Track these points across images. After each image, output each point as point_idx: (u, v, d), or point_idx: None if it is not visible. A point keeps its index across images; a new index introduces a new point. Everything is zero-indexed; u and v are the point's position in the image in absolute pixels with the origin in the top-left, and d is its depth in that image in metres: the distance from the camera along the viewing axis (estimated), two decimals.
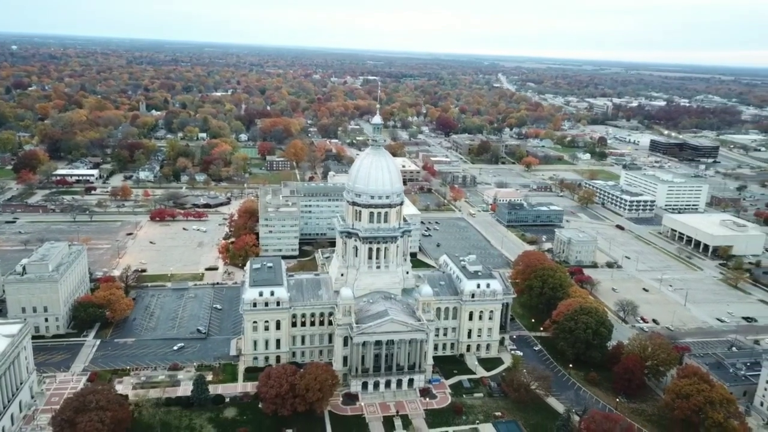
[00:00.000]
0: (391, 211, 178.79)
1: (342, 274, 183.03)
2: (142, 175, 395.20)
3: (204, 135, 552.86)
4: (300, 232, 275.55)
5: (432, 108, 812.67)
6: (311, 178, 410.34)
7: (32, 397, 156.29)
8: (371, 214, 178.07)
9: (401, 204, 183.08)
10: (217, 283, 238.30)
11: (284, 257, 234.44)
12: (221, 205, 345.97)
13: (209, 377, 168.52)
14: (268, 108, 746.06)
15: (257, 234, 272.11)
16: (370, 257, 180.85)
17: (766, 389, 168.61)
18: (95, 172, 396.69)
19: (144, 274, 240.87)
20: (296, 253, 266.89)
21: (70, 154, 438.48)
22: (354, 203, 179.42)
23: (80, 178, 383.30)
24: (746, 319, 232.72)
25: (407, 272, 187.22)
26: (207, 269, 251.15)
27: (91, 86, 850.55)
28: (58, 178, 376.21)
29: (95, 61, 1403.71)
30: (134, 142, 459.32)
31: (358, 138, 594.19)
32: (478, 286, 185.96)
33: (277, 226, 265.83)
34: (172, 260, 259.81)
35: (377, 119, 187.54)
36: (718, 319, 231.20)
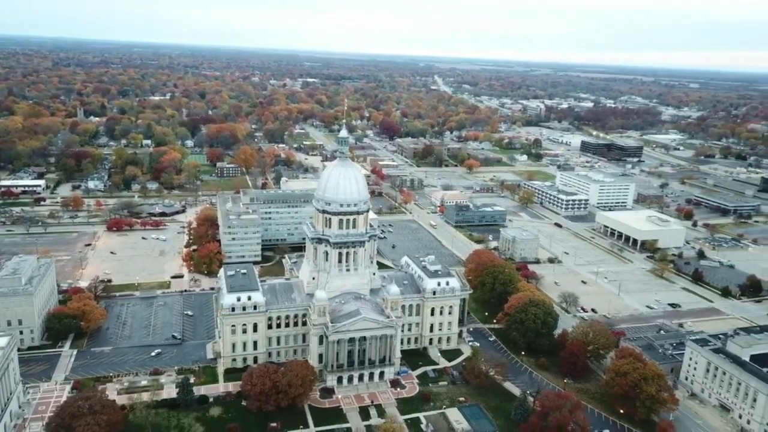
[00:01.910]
0: (359, 218, 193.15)
1: (313, 278, 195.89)
2: (91, 184, 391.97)
3: (149, 142, 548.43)
4: (261, 239, 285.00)
5: (374, 111, 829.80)
6: (264, 185, 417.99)
7: (20, 407, 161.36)
8: (341, 221, 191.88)
9: (368, 211, 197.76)
10: (185, 291, 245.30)
11: (246, 263, 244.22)
12: (177, 213, 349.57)
13: (191, 380, 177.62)
14: (210, 113, 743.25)
15: (218, 241, 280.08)
16: (340, 261, 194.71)
17: (689, 366, 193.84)
18: (41, 182, 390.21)
19: (110, 284, 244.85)
20: (259, 258, 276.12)
21: (11, 164, 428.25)
22: (324, 211, 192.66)
23: (26, 188, 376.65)
24: (671, 305, 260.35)
25: (374, 274, 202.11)
26: (173, 277, 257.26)
27: (20, 91, 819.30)
28: (3, 189, 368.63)
29: (18, 62, 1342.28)
30: (80, 151, 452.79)
31: (305, 142, 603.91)
32: (439, 284, 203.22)
33: (240, 233, 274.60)
34: (136, 269, 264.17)
35: (344, 133, 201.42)
36: (648, 306, 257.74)
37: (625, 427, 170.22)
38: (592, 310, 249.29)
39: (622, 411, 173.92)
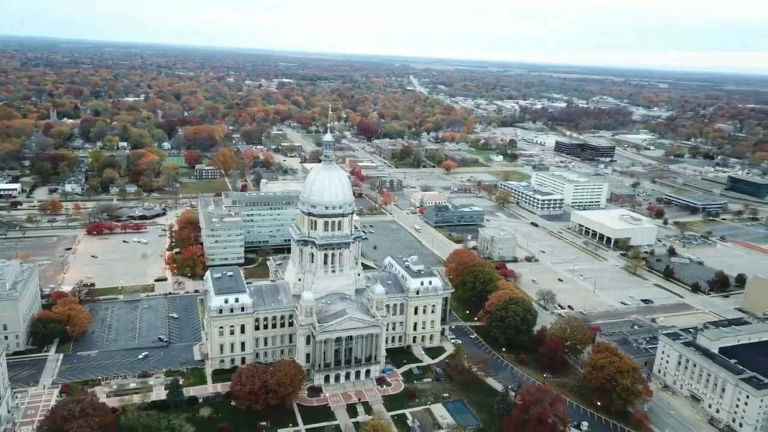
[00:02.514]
0: (344, 220, 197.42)
1: (299, 279, 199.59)
2: (69, 187, 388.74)
3: (125, 144, 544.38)
4: (244, 241, 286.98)
5: (352, 112, 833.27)
6: (244, 187, 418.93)
7: (9, 412, 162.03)
8: (326, 223, 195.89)
9: (353, 213, 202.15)
10: (170, 293, 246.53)
11: (230, 265, 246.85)
12: (157, 216, 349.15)
13: (180, 381, 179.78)
14: (186, 114, 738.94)
15: (201, 244, 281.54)
16: (325, 262, 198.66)
17: (662, 359, 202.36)
18: (17, 186, 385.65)
19: (93, 288, 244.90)
20: (242, 261, 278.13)
21: None
22: (310, 214, 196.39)
23: (2, 192, 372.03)
24: (644, 301, 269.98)
25: (359, 274, 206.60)
26: (156, 280, 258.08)
27: None
28: None
29: None
30: (56, 154, 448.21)
31: (283, 144, 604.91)
32: (422, 283, 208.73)
33: (223, 236, 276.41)
34: (119, 273, 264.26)
35: (328, 137, 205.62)
36: (622, 303, 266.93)
37: (602, 419, 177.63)
38: (569, 306, 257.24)
39: (599, 403, 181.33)
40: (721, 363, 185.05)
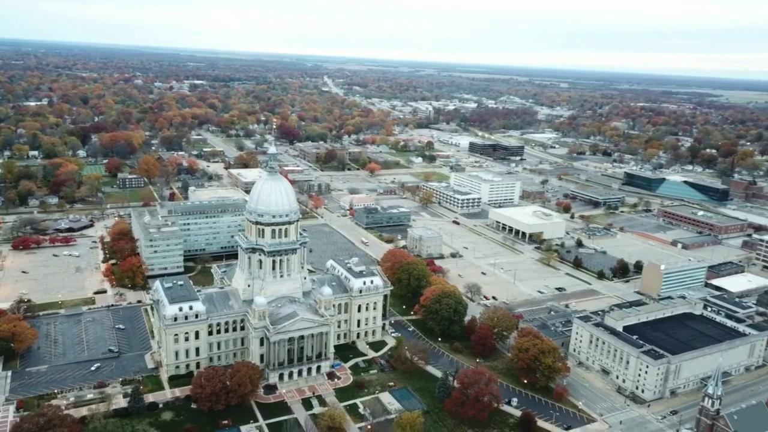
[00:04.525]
0: (290, 227, 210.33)
1: (249, 285, 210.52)
2: None
3: (36, 153, 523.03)
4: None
5: (271, 115, 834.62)
6: (172, 195, 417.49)
7: None
8: (273, 231, 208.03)
9: (298, 220, 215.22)
10: (112, 305, 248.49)
11: (170, 275, 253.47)
12: (85, 227, 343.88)
13: (139, 388, 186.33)
14: (97, 120, 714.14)
15: (137, 254, 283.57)
16: (274, 268, 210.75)
17: (576, 339, 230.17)
18: None
19: (31, 303, 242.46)
20: (182, 270, 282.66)
21: None
22: (257, 222, 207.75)
23: None
24: (558, 289, 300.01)
25: (305, 278, 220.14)
26: (96, 293, 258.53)
27: None
28: None
29: None
30: None
31: (205, 149, 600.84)
32: (365, 283, 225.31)
33: (162, 246, 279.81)
34: (55, 288, 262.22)
35: (272, 150, 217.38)
36: (539, 291, 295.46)
37: (528, 395, 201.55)
38: (493, 297, 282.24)
39: (525, 381, 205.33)
40: (625, 339, 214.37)
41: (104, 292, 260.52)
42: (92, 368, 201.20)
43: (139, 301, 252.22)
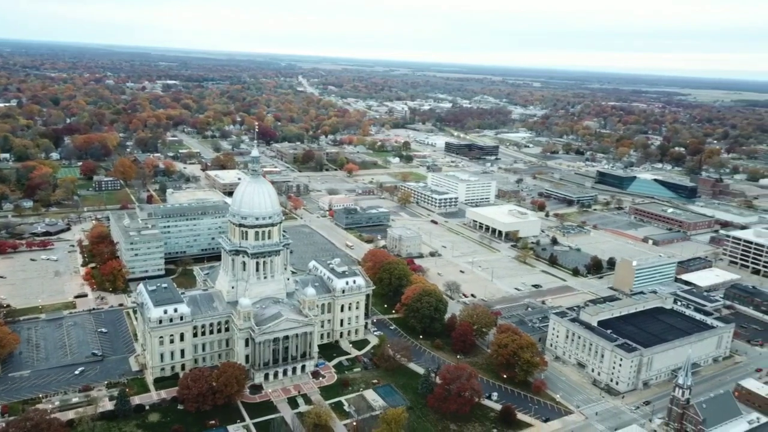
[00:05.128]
0: (273, 229, 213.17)
1: (233, 287, 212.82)
2: None
3: (7, 155, 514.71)
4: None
5: (247, 116, 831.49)
6: (149, 197, 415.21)
7: None
8: (257, 233, 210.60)
9: (281, 222, 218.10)
10: (94, 309, 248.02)
11: (151, 277, 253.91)
12: (62, 231, 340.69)
13: (126, 391, 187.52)
14: (69, 121, 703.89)
15: (117, 258, 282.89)
16: (257, 270, 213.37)
17: (552, 334, 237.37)
18: None
19: (10, 308, 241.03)
20: (162, 272, 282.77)
21: None
22: (241, 225, 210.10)
23: None
24: (535, 286, 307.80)
25: (288, 279, 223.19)
26: (77, 297, 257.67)
27: None
28: None
29: None
30: None
31: (181, 151, 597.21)
32: (347, 283, 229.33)
33: (143, 249, 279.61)
34: (34, 292, 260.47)
35: (255, 152, 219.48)
36: (516, 288, 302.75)
37: (508, 389, 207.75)
38: (472, 295, 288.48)
39: (505, 376, 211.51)
40: (599, 334, 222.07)
41: (85, 295, 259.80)
42: (76, 372, 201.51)
43: (121, 305, 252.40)
